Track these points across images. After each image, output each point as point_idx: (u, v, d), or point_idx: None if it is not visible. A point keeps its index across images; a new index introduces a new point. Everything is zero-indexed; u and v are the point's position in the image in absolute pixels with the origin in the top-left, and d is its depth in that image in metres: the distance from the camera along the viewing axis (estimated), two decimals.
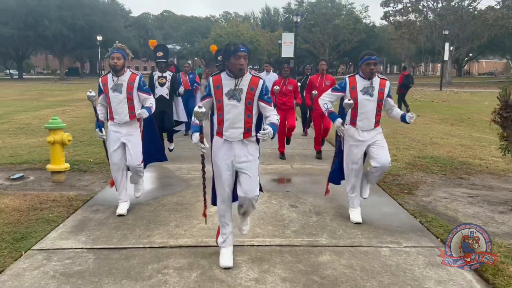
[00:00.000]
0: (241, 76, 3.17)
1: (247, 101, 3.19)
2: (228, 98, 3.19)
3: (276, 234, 3.92)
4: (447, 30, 31.62)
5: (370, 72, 4.10)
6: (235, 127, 3.21)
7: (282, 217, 4.38)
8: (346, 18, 57.96)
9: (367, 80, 4.16)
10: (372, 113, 4.17)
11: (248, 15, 78.85)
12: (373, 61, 4.09)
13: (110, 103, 4.47)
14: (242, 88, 3.18)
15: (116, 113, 4.46)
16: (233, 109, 3.20)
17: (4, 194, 5.01)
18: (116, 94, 4.41)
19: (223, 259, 3.27)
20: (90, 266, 3.24)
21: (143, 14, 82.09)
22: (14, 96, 22.97)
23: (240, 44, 3.17)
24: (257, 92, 3.20)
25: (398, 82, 16.39)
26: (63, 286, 2.95)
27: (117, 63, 4.33)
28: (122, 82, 4.41)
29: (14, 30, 43.76)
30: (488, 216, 4.48)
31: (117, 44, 4.52)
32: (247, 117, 3.22)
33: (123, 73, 4.44)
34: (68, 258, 3.38)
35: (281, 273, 3.17)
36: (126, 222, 4.17)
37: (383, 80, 4.22)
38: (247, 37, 52.95)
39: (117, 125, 4.48)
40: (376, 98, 4.15)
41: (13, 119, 12.25)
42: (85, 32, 46.25)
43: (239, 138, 3.23)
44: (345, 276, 3.14)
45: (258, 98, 3.21)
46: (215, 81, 3.24)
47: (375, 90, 4.15)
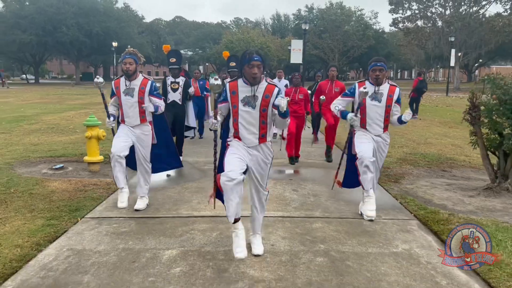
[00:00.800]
0: (256, 84, 3.28)
1: (262, 108, 3.31)
2: (243, 105, 3.32)
3: (279, 209, 4.80)
4: (453, 37, 32.31)
5: (376, 78, 4.23)
6: (250, 133, 3.34)
7: (285, 197, 5.26)
8: (356, 24, 58.80)
9: (375, 86, 4.29)
10: (380, 119, 4.31)
11: (259, 22, 79.86)
12: (379, 67, 4.21)
13: (121, 106, 4.66)
14: (258, 96, 3.30)
15: (127, 116, 4.65)
16: (247, 115, 3.32)
17: (51, 180, 5.97)
18: (128, 98, 4.58)
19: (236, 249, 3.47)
20: (133, 228, 4.16)
21: (155, 19, 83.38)
22: (36, 99, 24.16)
23: (254, 53, 3.26)
24: (272, 100, 3.29)
25: (412, 86, 17.13)
26: (115, 241, 3.86)
27: (130, 68, 4.49)
28: (134, 87, 4.58)
29: (33, 37, 45.59)
30: (459, 199, 5.31)
31: (129, 49, 4.64)
32: (262, 123, 3.34)
33: (135, 77, 4.60)
34: (115, 223, 4.31)
35: (282, 234, 4.06)
36: (157, 200, 5.08)
37: (393, 87, 4.34)
38: (258, 43, 54.04)
39: (129, 127, 4.69)
40: (384, 104, 4.28)
41: (42, 119, 13.31)
42: (101, 38, 47.87)
43: (254, 144, 3.38)
44: (332, 236, 4.01)
45: (273, 106, 3.29)
46: (231, 87, 3.36)
47: (383, 96, 4.27)
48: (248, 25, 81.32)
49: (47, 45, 49.14)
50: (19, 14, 45.73)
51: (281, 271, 3.27)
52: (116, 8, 58.84)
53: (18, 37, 44.88)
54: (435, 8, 46.35)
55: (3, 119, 13.27)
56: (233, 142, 3.44)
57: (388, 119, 4.37)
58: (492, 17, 40.98)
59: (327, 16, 58.17)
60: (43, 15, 45.52)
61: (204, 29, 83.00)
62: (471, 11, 43.39)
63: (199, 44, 75.68)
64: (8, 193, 5.21)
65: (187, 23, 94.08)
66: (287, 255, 3.57)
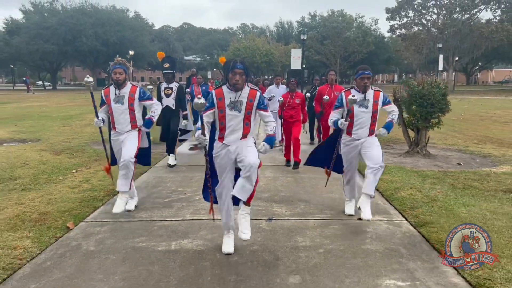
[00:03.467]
0: (239, 90, 3.58)
1: (247, 111, 3.63)
2: (230, 109, 3.60)
3: (277, 175, 7.82)
4: (441, 43, 35.34)
5: (364, 86, 4.36)
6: (234, 133, 3.67)
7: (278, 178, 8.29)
8: (356, 31, 61.67)
9: (361, 94, 4.41)
10: (367, 124, 4.47)
11: (263, 29, 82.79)
12: (367, 76, 4.35)
13: (112, 113, 4.79)
14: (242, 100, 3.60)
15: (118, 123, 4.79)
16: (234, 118, 3.63)
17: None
18: (118, 105, 4.72)
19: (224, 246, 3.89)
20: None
21: (164, 26, 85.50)
22: (67, 103, 27.42)
23: (238, 61, 3.55)
24: (255, 103, 3.66)
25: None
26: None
27: (119, 77, 4.65)
28: (124, 94, 4.72)
29: (54, 46, 49.47)
30: (387, 158, 8.30)
31: (118, 59, 4.78)
32: (245, 125, 3.68)
33: (124, 86, 4.75)
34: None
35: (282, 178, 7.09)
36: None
37: (377, 92, 4.49)
38: (263, 51, 57.09)
39: (119, 134, 4.85)
40: (371, 110, 4.43)
41: (87, 117, 16.44)
42: (117, 47, 51.19)
43: (236, 141, 3.68)
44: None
45: (257, 108, 3.69)
46: (217, 93, 3.63)
47: (369, 102, 4.42)
48: (254, 31, 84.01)
49: (67, 53, 52.94)
50: (41, 25, 49.63)
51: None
52: (130, 17, 61.92)
53: (41, 47, 48.79)
54: (430, 15, 49.38)
55: (55, 117, 16.47)
56: (216, 152, 3.73)
57: (375, 124, 4.53)
58: (481, 24, 43.88)
59: (329, 23, 61.11)
60: (64, 26, 49.33)
61: (211, 35, 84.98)
62: (463, 18, 46.33)
63: (207, 50, 77.42)
64: (97, 158, 8.22)
65: (195, 29, 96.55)
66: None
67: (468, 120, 16.59)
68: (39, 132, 11.95)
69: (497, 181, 6.34)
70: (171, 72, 7.24)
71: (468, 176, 6.68)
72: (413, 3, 48.71)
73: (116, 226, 4.56)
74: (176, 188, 6.15)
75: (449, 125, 14.14)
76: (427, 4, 48.41)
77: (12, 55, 52.73)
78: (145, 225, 4.62)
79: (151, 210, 5.14)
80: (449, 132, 12.38)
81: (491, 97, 36.67)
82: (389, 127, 4.66)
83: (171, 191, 5.98)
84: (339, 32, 59.73)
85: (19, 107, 23.79)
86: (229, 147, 3.67)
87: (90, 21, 51.00)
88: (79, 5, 54.67)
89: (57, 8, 54.64)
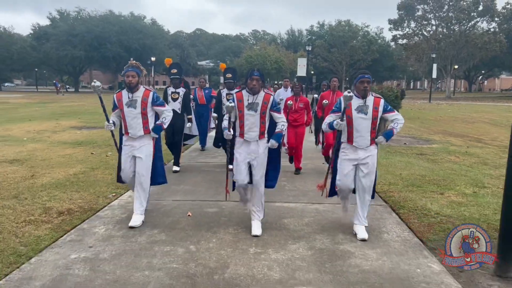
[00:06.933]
0: (256, 93, 4.21)
1: (262, 111, 4.25)
2: (248, 110, 4.24)
3: None
4: (434, 53, 38.67)
5: (364, 90, 4.17)
6: (252, 131, 4.29)
7: None
8: (362, 39, 64.90)
9: (361, 99, 4.21)
10: (367, 131, 4.23)
11: (275, 36, 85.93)
12: (366, 79, 4.17)
13: (124, 118, 4.62)
14: (258, 102, 4.24)
15: (130, 128, 4.62)
16: (251, 117, 4.26)
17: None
18: (131, 109, 4.55)
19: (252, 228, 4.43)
20: None
21: (177, 32, 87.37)
22: (98, 103, 30.79)
23: (255, 70, 4.22)
24: (269, 105, 4.29)
25: None
26: None
27: (132, 80, 4.49)
28: (137, 98, 4.56)
29: (82, 52, 54.08)
30: None
31: (132, 61, 4.63)
32: (261, 123, 4.30)
33: (137, 89, 4.57)
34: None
35: None
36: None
37: (377, 99, 4.27)
38: (273, 58, 60.47)
39: (131, 139, 4.67)
40: (370, 116, 4.19)
41: None
42: (138, 53, 55.26)
43: (255, 139, 4.31)
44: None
45: (270, 109, 4.31)
46: (238, 96, 4.30)
47: (369, 108, 4.19)
48: (265, 37, 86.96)
49: (93, 59, 57.54)
50: (70, 32, 54.27)
51: None
52: (149, 24, 65.08)
53: (70, 52, 53.41)
54: (430, 27, 52.66)
55: (100, 113, 19.94)
56: (238, 146, 4.37)
57: (375, 131, 4.32)
58: (476, 35, 47.01)
59: (336, 32, 64.48)
60: (91, 34, 53.89)
61: (224, 42, 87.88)
62: (460, 30, 49.45)
63: (220, 56, 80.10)
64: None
65: (207, 35, 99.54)
66: None
67: (442, 120, 19.78)
68: (101, 122, 15.30)
69: (417, 150, 9.94)
70: (178, 78, 7.42)
71: (401, 148, 10.26)
72: (414, 15, 52.03)
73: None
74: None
75: (423, 123, 17.40)
76: (427, 16, 51.61)
77: (40, 59, 57.29)
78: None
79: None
80: (419, 128, 15.58)
81: (484, 103, 39.13)
82: (388, 135, 4.33)
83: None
84: (346, 41, 63.01)
85: (62, 106, 26.63)
86: (250, 145, 4.34)
87: (114, 29, 55.39)
88: (104, 14, 59.23)
89: (84, 17, 59.25)
